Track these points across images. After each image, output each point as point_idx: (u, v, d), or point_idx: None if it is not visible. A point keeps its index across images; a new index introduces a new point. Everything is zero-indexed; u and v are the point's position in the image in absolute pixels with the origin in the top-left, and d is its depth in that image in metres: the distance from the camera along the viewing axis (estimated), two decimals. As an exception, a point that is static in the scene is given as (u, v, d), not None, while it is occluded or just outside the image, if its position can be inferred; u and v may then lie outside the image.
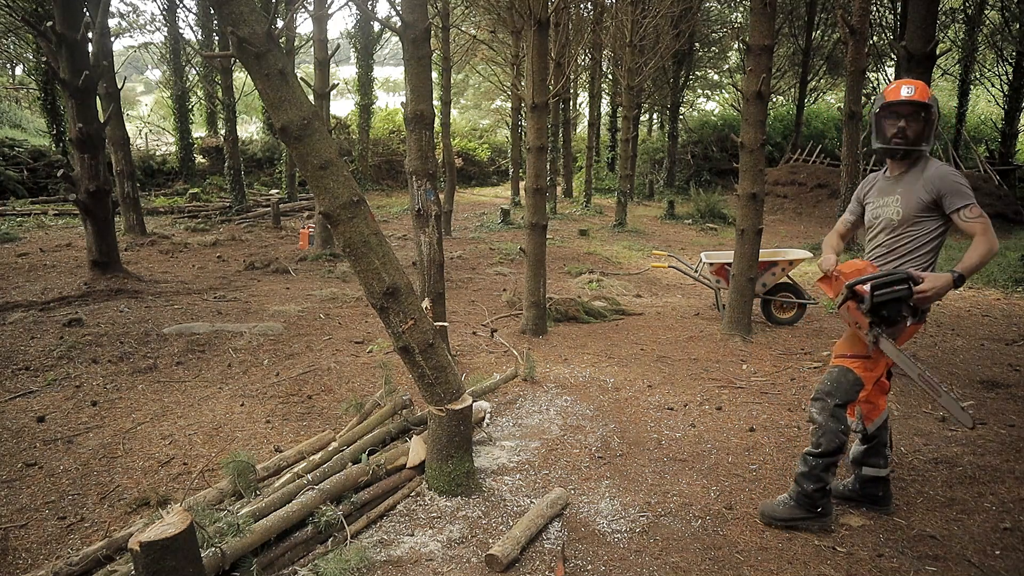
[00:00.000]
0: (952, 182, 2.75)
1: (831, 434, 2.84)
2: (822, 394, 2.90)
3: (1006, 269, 9.42)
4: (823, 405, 2.89)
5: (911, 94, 2.83)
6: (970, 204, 2.72)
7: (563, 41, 11.96)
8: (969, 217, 2.71)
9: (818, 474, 2.86)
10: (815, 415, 2.91)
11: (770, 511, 2.97)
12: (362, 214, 2.92)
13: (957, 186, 2.73)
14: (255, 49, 2.62)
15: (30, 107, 22.13)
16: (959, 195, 2.72)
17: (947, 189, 2.73)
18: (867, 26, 11.26)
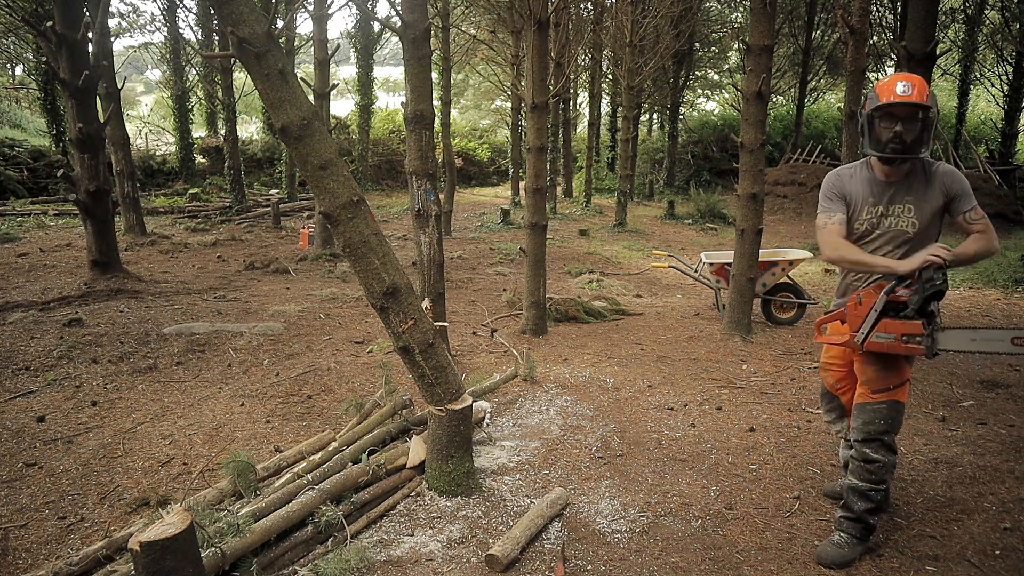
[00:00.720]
0: (962, 182, 2.61)
1: (891, 467, 2.74)
2: (877, 434, 2.67)
3: (1006, 269, 9.42)
4: (879, 445, 2.68)
5: (908, 93, 2.53)
6: (975, 206, 2.63)
7: (563, 41, 11.95)
8: (974, 219, 2.60)
9: (881, 504, 2.78)
10: (872, 455, 2.68)
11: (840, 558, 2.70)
12: (362, 214, 2.92)
13: (966, 186, 2.61)
14: (255, 49, 2.62)
15: (30, 107, 22.14)
16: (968, 197, 2.60)
17: (958, 190, 2.60)
18: (867, 26, 11.25)
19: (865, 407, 2.71)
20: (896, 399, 2.67)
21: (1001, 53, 19.31)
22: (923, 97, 2.54)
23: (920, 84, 2.56)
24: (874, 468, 2.69)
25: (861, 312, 2.46)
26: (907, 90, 2.55)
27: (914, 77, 2.63)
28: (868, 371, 2.70)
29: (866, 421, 2.69)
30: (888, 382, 2.66)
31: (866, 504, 2.72)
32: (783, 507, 3.14)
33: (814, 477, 3.43)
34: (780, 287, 6.64)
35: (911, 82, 2.57)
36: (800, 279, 8.50)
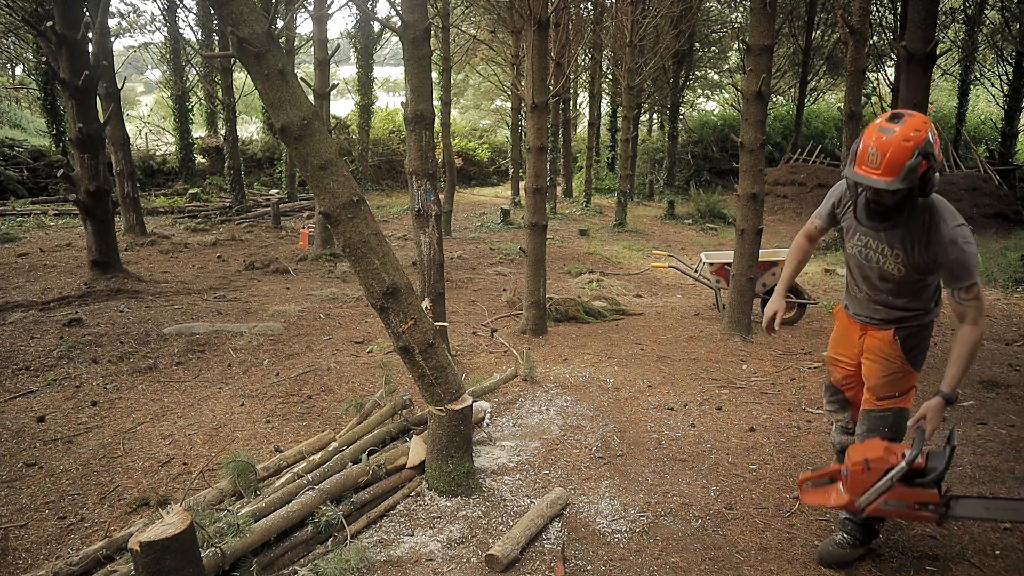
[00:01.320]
0: (960, 256, 2.29)
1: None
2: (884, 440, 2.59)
3: (1006, 269, 9.42)
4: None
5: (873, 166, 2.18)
6: (971, 284, 2.32)
7: (563, 41, 11.95)
8: (964, 299, 2.35)
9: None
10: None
11: (842, 557, 2.68)
12: (362, 214, 2.92)
13: (965, 258, 2.29)
14: (255, 49, 2.62)
15: (30, 107, 22.13)
16: (964, 273, 2.31)
17: (953, 264, 2.32)
18: (867, 26, 11.26)
19: (870, 414, 2.68)
20: (901, 406, 2.63)
21: (1001, 53, 19.31)
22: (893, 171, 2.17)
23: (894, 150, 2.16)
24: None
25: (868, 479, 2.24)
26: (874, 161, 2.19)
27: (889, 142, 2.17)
28: (875, 379, 2.65)
29: (870, 428, 2.66)
30: (895, 389, 2.61)
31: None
32: (783, 507, 3.14)
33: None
34: (780, 287, 6.64)
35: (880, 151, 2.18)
36: (800, 279, 8.49)
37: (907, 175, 2.18)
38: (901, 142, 2.17)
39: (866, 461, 2.22)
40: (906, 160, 2.16)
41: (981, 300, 2.35)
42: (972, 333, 2.35)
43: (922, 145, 2.16)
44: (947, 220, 2.33)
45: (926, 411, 2.37)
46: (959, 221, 2.34)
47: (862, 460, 2.22)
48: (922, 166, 2.18)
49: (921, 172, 2.19)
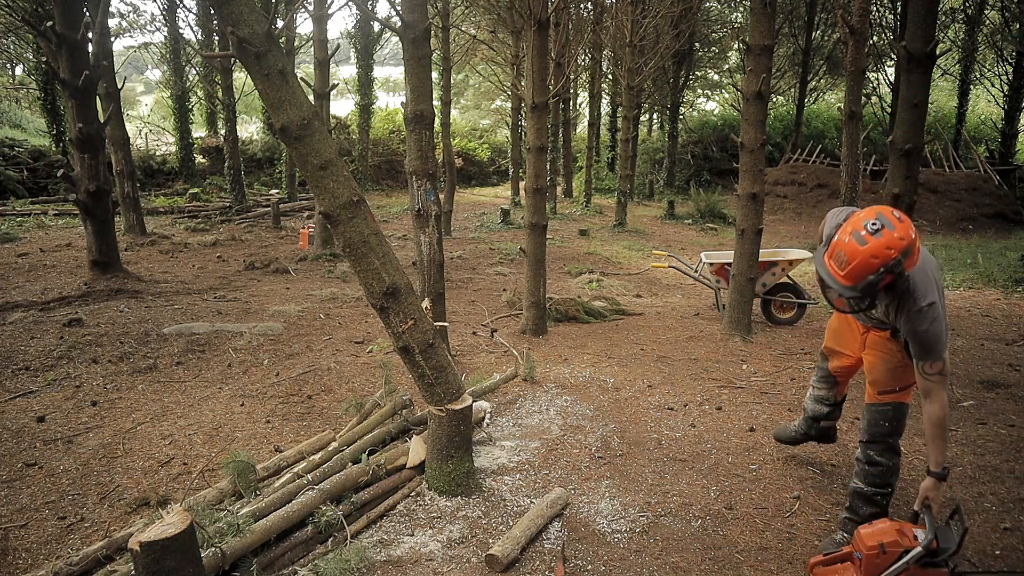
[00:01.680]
0: (925, 337, 2.35)
1: (896, 470, 2.73)
2: (882, 436, 2.65)
3: (1006, 269, 9.42)
4: (884, 447, 2.66)
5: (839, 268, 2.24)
6: (933, 360, 2.35)
7: (563, 41, 11.95)
8: (928, 373, 2.37)
9: (886, 507, 2.76)
10: (876, 457, 2.66)
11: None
12: (362, 214, 2.92)
13: (928, 340, 2.35)
14: (255, 49, 2.62)
15: (30, 107, 22.14)
16: (928, 350, 2.36)
17: (918, 342, 2.38)
18: (867, 26, 11.25)
19: (871, 408, 2.72)
20: (901, 400, 2.68)
21: (1001, 53, 19.31)
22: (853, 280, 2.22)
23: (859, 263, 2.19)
24: (878, 472, 2.71)
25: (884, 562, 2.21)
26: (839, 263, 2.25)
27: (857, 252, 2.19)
28: (877, 372, 2.70)
29: (871, 422, 2.70)
30: (896, 383, 2.66)
31: (871, 509, 2.73)
32: (783, 507, 3.14)
33: (814, 477, 3.44)
34: (780, 287, 6.64)
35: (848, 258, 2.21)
36: (800, 279, 8.49)
37: (867, 288, 2.23)
38: (869, 258, 2.19)
39: (881, 546, 2.21)
40: (868, 275, 2.21)
41: (945, 375, 2.38)
42: (938, 411, 2.37)
43: (891, 264, 2.19)
44: (916, 299, 2.35)
45: (926, 493, 2.37)
46: (928, 300, 2.35)
47: (877, 545, 2.21)
48: (885, 280, 2.22)
49: (883, 285, 2.24)
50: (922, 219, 15.22)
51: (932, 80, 5.61)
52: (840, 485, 3.34)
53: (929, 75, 4.88)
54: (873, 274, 2.19)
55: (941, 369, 2.35)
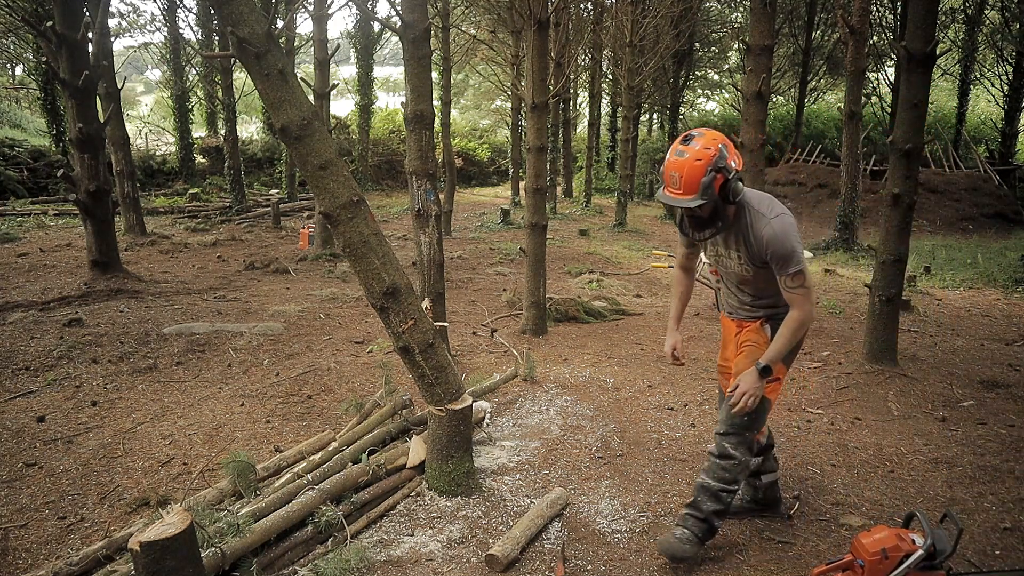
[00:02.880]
0: (779, 247, 2.42)
1: (745, 467, 2.65)
2: (738, 429, 2.61)
3: (1006, 269, 9.43)
4: (739, 440, 2.61)
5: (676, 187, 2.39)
6: (794, 272, 2.42)
7: (563, 41, 11.96)
8: (790, 287, 2.45)
9: (729, 505, 2.69)
10: (730, 450, 2.61)
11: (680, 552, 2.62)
12: (362, 214, 2.92)
13: (784, 249, 2.42)
14: (255, 49, 2.62)
15: (30, 107, 22.14)
16: (786, 260, 2.42)
17: (776, 256, 2.44)
18: (867, 26, 11.26)
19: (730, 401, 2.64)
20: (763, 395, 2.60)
21: (1001, 53, 19.32)
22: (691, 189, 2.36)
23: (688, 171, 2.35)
24: (729, 465, 2.62)
25: (886, 568, 2.24)
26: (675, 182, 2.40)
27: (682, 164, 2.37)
28: (743, 364, 2.66)
29: (732, 414, 2.61)
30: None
31: (715, 505, 2.64)
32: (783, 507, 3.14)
33: (814, 477, 3.43)
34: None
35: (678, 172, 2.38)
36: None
37: (704, 191, 2.38)
38: (693, 162, 2.37)
39: (883, 551, 2.24)
40: (700, 178, 2.37)
41: (808, 288, 2.45)
42: (798, 318, 2.46)
43: (713, 161, 2.36)
44: (763, 214, 2.48)
45: (739, 379, 2.52)
46: (775, 213, 2.48)
47: (879, 551, 2.23)
48: (717, 180, 2.38)
49: (718, 185, 2.39)
50: (922, 219, 15.23)
51: (932, 80, 5.61)
52: (840, 485, 3.35)
53: (929, 75, 4.88)
54: (704, 175, 2.36)
55: (803, 282, 2.43)
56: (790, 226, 2.45)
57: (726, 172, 2.38)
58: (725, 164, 2.38)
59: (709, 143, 2.39)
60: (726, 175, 2.38)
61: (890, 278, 5.12)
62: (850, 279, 9.34)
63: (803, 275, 2.44)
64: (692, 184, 2.38)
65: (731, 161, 2.41)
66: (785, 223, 2.45)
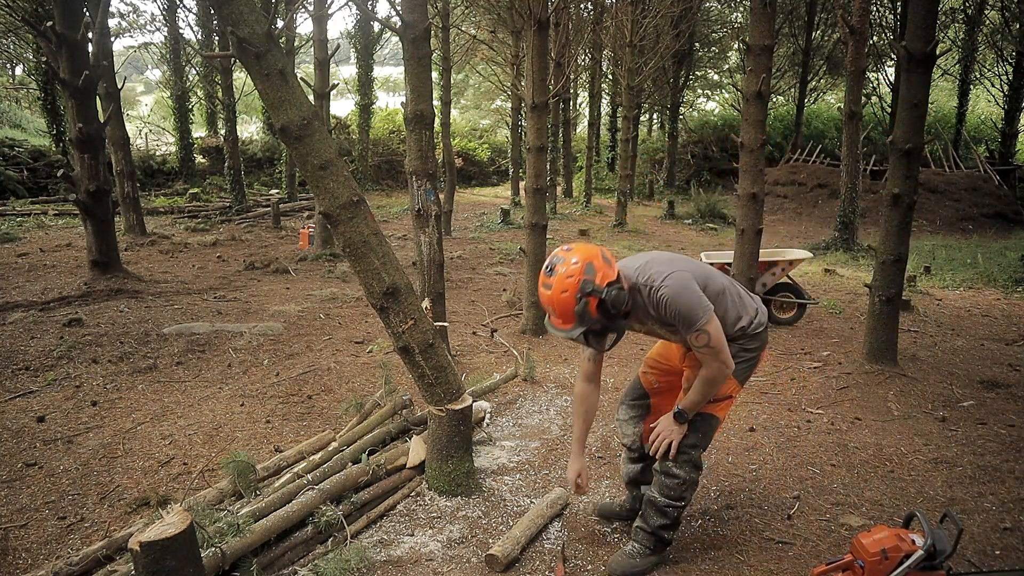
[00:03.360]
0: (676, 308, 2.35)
1: (693, 485, 2.60)
2: (686, 447, 2.54)
3: (1006, 269, 9.42)
4: (685, 459, 2.55)
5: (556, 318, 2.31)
6: (696, 332, 2.33)
7: (563, 41, 11.95)
8: (696, 345, 2.37)
9: (679, 520, 2.65)
10: (674, 469, 2.55)
11: (631, 568, 2.61)
12: (362, 214, 2.92)
13: (681, 309, 2.34)
14: (255, 49, 2.62)
15: (30, 107, 22.13)
16: (686, 320, 2.34)
17: (674, 316, 2.37)
18: (867, 26, 11.25)
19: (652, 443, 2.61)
20: (712, 413, 2.57)
21: (1001, 53, 19.30)
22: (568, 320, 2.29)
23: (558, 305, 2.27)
24: (674, 484, 2.57)
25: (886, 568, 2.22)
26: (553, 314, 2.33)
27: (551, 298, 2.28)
28: (690, 382, 2.58)
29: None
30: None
31: (661, 520, 2.60)
32: (783, 507, 3.14)
33: (814, 477, 3.44)
34: (780, 287, 6.64)
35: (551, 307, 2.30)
36: (800, 279, 8.49)
37: (581, 319, 2.29)
38: (560, 295, 2.26)
39: (883, 551, 2.23)
40: (573, 308, 2.27)
41: (713, 347, 2.35)
42: (706, 376, 2.41)
43: (579, 288, 2.25)
44: (651, 285, 2.39)
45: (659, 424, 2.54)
46: (661, 276, 2.38)
47: (879, 551, 2.23)
48: (591, 303, 2.26)
49: (594, 308, 2.28)
50: (922, 219, 15.23)
51: (932, 80, 5.61)
52: (840, 485, 3.35)
53: (929, 75, 4.88)
54: (575, 305, 2.26)
55: (707, 341, 2.33)
56: (681, 285, 2.35)
57: (597, 294, 2.26)
58: (593, 287, 2.26)
59: (571, 270, 2.27)
60: (598, 296, 2.26)
61: (890, 278, 5.12)
62: (850, 279, 9.34)
63: (707, 335, 2.32)
64: (567, 316, 2.29)
65: (599, 279, 2.28)
66: (676, 283, 2.36)
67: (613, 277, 2.33)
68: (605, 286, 2.28)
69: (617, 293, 2.31)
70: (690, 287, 2.37)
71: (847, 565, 2.32)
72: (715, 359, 2.37)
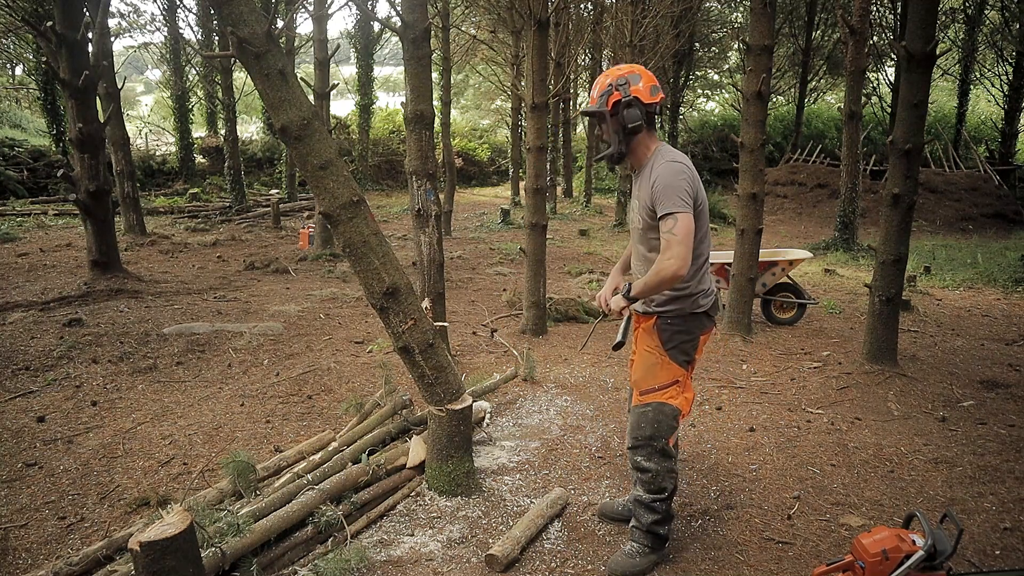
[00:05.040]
0: (663, 186, 2.40)
1: (668, 474, 2.59)
2: (643, 440, 2.56)
3: (1006, 269, 9.42)
4: (649, 451, 2.56)
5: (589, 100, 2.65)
6: (670, 214, 2.36)
7: (563, 41, 11.95)
8: (664, 231, 2.38)
9: (669, 513, 2.65)
10: (643, 463, 2.57)
11: (631, 567, 2.60)
12: (362, 214, 2.92)
13: (667, 190, 2.39)
14: (255, 49, 2.62)
15: (30, 107, 22.12)
16: (661, 200, 2.39)
17: (655, 192, 2.42)
18: (867, 26, 11.25)
19: (633, 411, 2.62)
20: (661, 401, 2.56)
21: (1001, 53, 19.30)
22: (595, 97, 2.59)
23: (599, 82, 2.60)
24: (648, 478, 2.58)
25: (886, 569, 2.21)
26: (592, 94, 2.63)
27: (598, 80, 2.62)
28: (637, 369, 2.64)
29: (633, 426, 2.60)
30: (654, 382, 2.57)
31: (651, 516, 2.61)
32: (783, 507, 3.14)
33: (814, 477, 3.44)
34: (780, 287, 6.65)
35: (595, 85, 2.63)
36: (800, 279, 8.50)
37: (600, 99, 2.58)
38: (604, 78, 2.60)
39: (884, 552, 2.22)
40: (604, 88, 2.58)
41: (677, 235, 2.35)
42: (668, 263, 2.35)
43: (617, 80, 2.56)
44: (663, 157, 2.52)
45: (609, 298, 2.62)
46: (673, 159, 2.50)
47: (880, 552, 2.22)
48: (613, 95, 2.55)
49: (612, 101, 2.55)
50: (922, 219, 15.23)
51: (932, 80, 5.61)
52: (840, 485, 3.35)
53: (929, 75, 4.88)
54: (605, 89, 2.57)
55: (672, 227, 2.36)
56: (682, 173, 2.44)
57: (623, 91, 2.53)
58: (624, 83, 2.54)
59: (622, 70, 2.59)
60: (623, 94, 2.52)
61: (890, 278, 5.12)
62: (850, 279, 9.34)
63: (675, 221, 2.35)
64: (597, 93, 2.59)
65: (635, 88, 2.54)
66: (678, 168, 2.45)
67: (644, 100, 2.56)
68: (633, 96, 2.54)
69: (634, 110, 2.54)
70: (683, 185, 2.44)
71: (848, 566, 2.32)
72: (673, 248, 2.35)
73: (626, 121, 2.53)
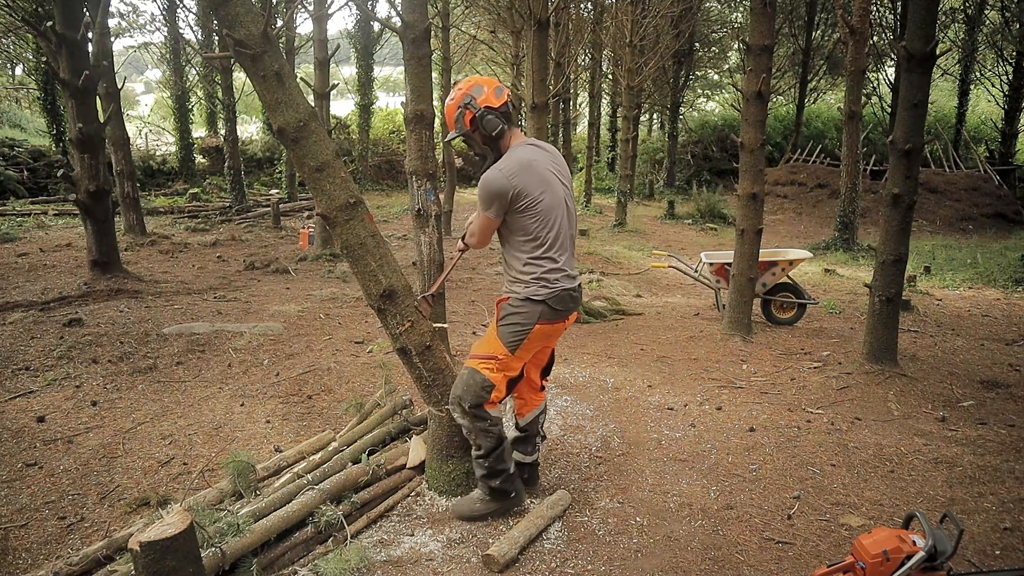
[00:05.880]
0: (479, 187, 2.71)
1: (481, 432, 2.82)
2: (455, 398, 2.85)
3: (1006, 269, 9.43)
4: (460, 410, 2.84)
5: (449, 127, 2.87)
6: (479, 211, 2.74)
7: (563, 41, 11.94)
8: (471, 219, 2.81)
9: (495, 468, 2.87)
10: (457, 419, 2.89)
11: (468, 510, 2.95)
12: (359, 216, 2.92)
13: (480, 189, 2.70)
14: (251, 51, 2.62)
15: (30, 107, 22.12)
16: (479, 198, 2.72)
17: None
18: (867, 26, 11.26)
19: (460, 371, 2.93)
20: (474, 368, 2.81)
21: (1001, 53, 19.30)
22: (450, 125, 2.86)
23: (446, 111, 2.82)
24: (465, 433, 2.89)
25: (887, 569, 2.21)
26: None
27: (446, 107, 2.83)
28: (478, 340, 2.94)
29: (453, 384, 2.92)
30: (478, 350, 2.86)
31: (479, 470, 2.89)
32: (783, 507, 3.14)
33: (814, 477, 3.44)
34: (780, 287, 6.64)
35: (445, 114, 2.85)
36: (800, 279, 8.50)
37: (458, 124, 2.79)
38: (449, 103, 2.82)
39: (884, 553, 2.22)
40: (455, 114, 2.79)
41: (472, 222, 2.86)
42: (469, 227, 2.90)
43: (462, 100, 2.75)
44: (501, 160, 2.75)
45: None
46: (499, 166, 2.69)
47: (880, 552, 2.22)
48: (466, 115, 2.74)
49: (468, 120, 2.75)
50: (922, 219, 15.23)
51: (932, 80, 5.61)
52: (840, 485, 3.35)
53: (929, 75, 4.88)
54: (456, 113, 2.78)
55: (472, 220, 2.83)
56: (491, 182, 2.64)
57: (473, 109, 2.71)
58: (470, 101, 2.72)
59: (464, 88, 2.77)
60: (474, 111, 2.71)
61: (890, 278, 5.12)
62: (850, 279, 9.34)
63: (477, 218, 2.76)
64: (449, 121, 2.81)
65: (482, 99, 2.72)
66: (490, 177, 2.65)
67: (495, 105, 2.74)
68: (483, 107, 2.72)
69: (490, 118, 2.73)
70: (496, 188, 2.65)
71: (848, 567, 2.32)
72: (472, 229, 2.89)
73: (488, 130, 2.74)
